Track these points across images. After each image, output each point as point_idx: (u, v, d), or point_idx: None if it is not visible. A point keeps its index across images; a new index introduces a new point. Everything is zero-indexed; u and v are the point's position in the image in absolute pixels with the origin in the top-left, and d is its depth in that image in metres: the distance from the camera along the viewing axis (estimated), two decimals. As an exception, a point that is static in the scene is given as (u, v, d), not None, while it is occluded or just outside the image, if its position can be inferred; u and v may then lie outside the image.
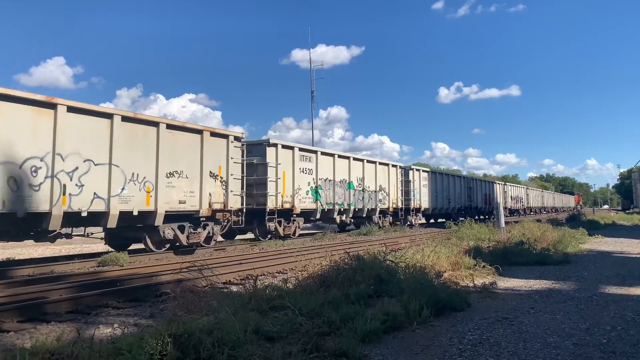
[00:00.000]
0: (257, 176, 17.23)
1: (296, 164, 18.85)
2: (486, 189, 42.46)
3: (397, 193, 26.88)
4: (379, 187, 24.87)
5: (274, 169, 17.64)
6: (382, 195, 25.32)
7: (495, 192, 43.92)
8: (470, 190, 38.19)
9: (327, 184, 20.72)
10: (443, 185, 33.02)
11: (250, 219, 16.81)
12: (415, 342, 4.86)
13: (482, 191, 41.08)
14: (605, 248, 14.85)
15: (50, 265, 11.10)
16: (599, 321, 5.70)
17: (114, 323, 5.99)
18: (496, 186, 45.35)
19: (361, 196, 23.25)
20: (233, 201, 14.93)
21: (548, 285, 8.18)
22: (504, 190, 48.18)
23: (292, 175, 18.61)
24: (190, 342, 3.83)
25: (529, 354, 4.47)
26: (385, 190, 25.66)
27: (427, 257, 8.61)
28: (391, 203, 26.12)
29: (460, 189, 36.01)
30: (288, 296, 5.66)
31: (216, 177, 14.42)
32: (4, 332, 5.65)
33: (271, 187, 17.38)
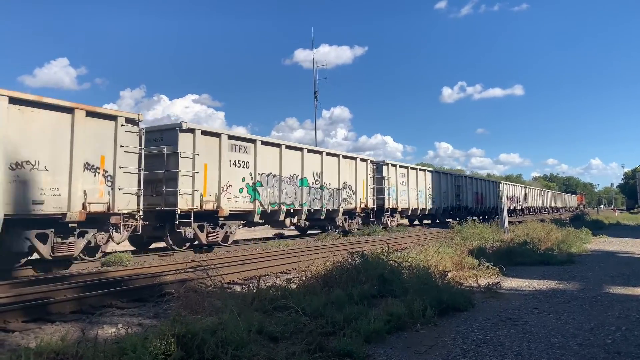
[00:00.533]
0: (167, 170, 13.72)
1: (224, 155, 15.18)
2: (478, 188, 39.27)
3: (366, 191, 23.33)
4: (343, 184, 21.40)
5: (189, 161, 13.96)
6: (347, 193, 21.86)
7: (487, 190, 41.10)
8: (459, 188, 34.96)
9: (271, 180, 17.24)
10: (426, 183, 29.85)
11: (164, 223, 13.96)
12: (419, 342, 4.85)
13: (472, 190, 37.83)
14: (609, 248, 14.79)
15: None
16: (603, 321, 5.68)
17: (118, 323, 6.01)
18: (489, 184, 42.74)
19: (319, 195, 19.72)
20: (123, 202, 11.64)
21: (552, 286, 8.16)
22: (499, 189, 45.55)
23: (217, 169, 14.93)
24: (194, 342, 3.84)
25: (533, 354, 4.46)
26: (352, 187, 22.17)
27: (430, 257, 8.60)
28: (359, 203, 22.56)
29: (447, 188, 32.94)
30: (291, 296, 5.66)
31: (96, 170, 11.19)
32: (9, 332, 5.68)
33: (185, 183, 13.78)
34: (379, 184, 24.64)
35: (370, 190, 23.66)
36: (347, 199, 21.81)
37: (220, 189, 14.99)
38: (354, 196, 22.30)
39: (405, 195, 27.33)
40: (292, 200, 18.26)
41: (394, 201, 25.91)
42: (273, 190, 17.32)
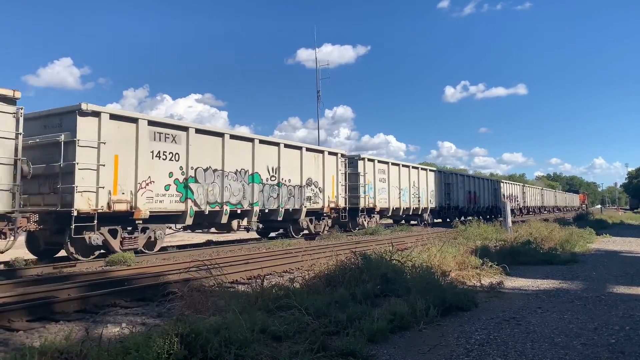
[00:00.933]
0: (64, 162, 11.28)
1: (144, 144, 12.72)
2: (471, 186, 36.37)
3: (336, 189, 20.68)
4: (307, 180, 18.91)
5: (92, 151, 11.53)
6: (313, 191, 19.33)
7: (482, 189, 38.48)
8: (449, 187, 32.25)
9: (210, 175, 14.67)
10: (410, 180, 27.27)
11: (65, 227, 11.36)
12: (423, 342, 4.85)
13: (464, 189, 34.93)
14: (613, 247, 14.75)
15: (58, 265, 11.16)
16: (607, 321, 5.66)
17: (121, 322, 6.03)
18: (483, 182, 39.96)
19: (275, 193, 17.32)
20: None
21: (555, 285, 8.14)
22: (494, 188, 42.38)
23: (134, 162, 12.47)
24: (197, 342, 3.84)
25: (537, 354, 4.45)
26: (318, 184, 19.66)
27: (433, 256, 8.59)
28: (327, 202, 20.02)
29: (435, 186, 30.49)
30: (295, 296, 5.66)
31: None
32: (14, 331, 5.71)
33: (86, 178, 11.36)
34: (352, 180, 22.20)
35: (341, 188, 21.11)
36: (313, 198, 19.32)
37: (137, 185, 12.50)
38: (320, 194, 19.74)
39: (385, 193, 24.86)
40: (240, 199, 15.78)
41: (371, 200, 23.36)
42: (213, 187, 14.77)
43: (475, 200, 36.79)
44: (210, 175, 14.80)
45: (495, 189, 41.77)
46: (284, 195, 17.73)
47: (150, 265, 11.00)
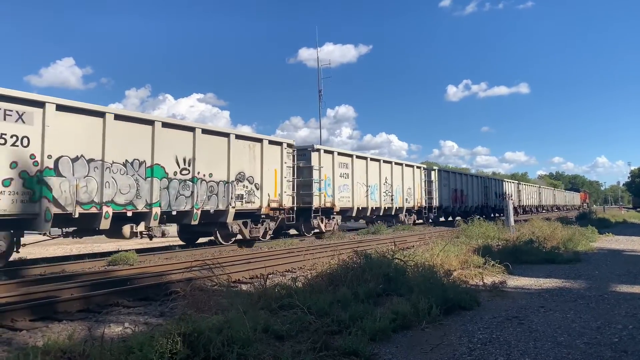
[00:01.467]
0: None
1: None
2: (457, 183, 32.83)
3: (281, 186, 17.19)
4: (237, 175, 15.41)
5: None
6: (246, 188, 15.80)
7: (470, 187, 35.23)
8: (430, 184, 29.03)
9: (82, 166, 11.29)
10: (382, 177, 24.13)
11: None
12: (425, 341, 4.85)
13: (449, 186, 31.56)
14: (616, 246, 14.72)
15: (61, 265, 11.20)
16: (610, 320, 5.65)
17: (124, 322, 6.04)
18: (472, 180, 36.55)
19: (188, 190, 13.76)
20: None
21: (558, 284, 8.13)
22: (485, 186, 38.80)
23: None
24: (200, 341, 3.85)
25: (540, 353, 4.45)
26: (254, 180, 16.12)
27: (436, 255, 8.58)
28: (267, 201, 16.56)
29: (413, 183, 27.15)
30: (297, 295, 5.67)
31: None
32: (17, 330, 5.72)
33: None
34: (305, 175, 18.85)
35: (287, 184, 17.44)
36: (246, 196, 15.76)
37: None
38: (257, 192, 16.18)
39: (348, 191, 21.45)
40: (131, 198, 12.32)
41: (328, 199, 20.04)
42: (87, 182, 11.39)
43: (463, 199, 33.67)
44: (82, 166, 11.32)
45: (485, 187, 38.57)
46: (200, 193, 14.09)
47: (153, 265, 11.02)
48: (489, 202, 38.63)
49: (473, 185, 36.17)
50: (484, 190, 38.45)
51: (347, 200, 21.60)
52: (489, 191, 39.26)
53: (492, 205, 38.97)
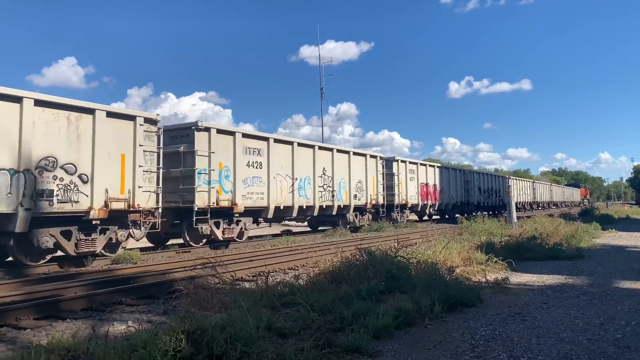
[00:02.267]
0: None
1: None
2: (427, 177, 28.10)
3: (134, 176, 12.06)
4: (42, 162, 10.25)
5: None
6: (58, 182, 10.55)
7: (446, 181, 30.63)
8: (391, 178, 24.61)
9: None
10: (316, 167, 19.05)
11: None
12: (428, 338, 4.86)
13: (417, 180, 26.84)
14: (619, 242, 14.70)
15: (64, 264, 11.22)
16: (613, 316, 5.65)
17: (128, 320, 6.06)
18: (447, 173, 31.55)
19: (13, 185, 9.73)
20: None
21: (561, 280, 8.12)
22: (465, 180, 33.61)
23: None
24: (203, 339, 3.86)
25: (542, 349, 4.45)
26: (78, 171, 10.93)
27: (438, 252, 8.59)
28: (104, 201, 11.36)
29: (366, 176, 22.18)
30: (300, 292, 5.68)
31: None
32: (21, 329, 5.75)
33: None
34: (185, 164, 13.96)
35: (142, 176, 12.23)
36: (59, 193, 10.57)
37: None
38: (86, 187, 11.06)
39: (261, 185, 16.26)
40: None
41: (226, 196, 14.92)
42: None
43: (436, 196, 29.07)
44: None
45: (466, 181, 33.51)
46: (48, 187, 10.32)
47: (156, 264, 11.04)
48: (471, 198, 34.20)
49: (450, 180, 31.33)
50: (465, 185, 33.50)
51: (260, 198, 16.40)
52: (470, 186, 34.34)
53: (475, 202, 34.67)
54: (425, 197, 27.93)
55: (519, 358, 4.22)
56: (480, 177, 37.80)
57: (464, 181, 33.48)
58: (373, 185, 22.93)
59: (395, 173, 24.87)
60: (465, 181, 33.66)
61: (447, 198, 30.81)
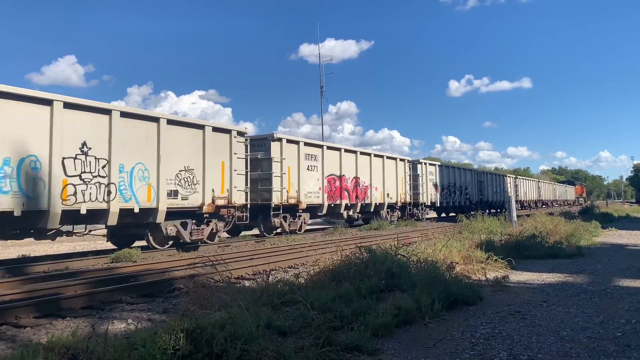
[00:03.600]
0: None
1: None
2: (343, 168, 21.18)
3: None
4: None
5: None
6: None
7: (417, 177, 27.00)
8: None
9: None
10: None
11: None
12: (428, 336, 4.85)
13: (321, 171, 19.62)
14: (619, 241, 14.70)
15: (65, 262, 11.24)
16: (613, 314, 5.65)
17: (127, 318, 6.06)
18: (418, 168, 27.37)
19: None
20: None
21: (561, 279, 8.12)
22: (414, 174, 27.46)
23: None
24: (203, 337, 3.86)
25: (542, 347, 4.45)
26: None
27: (438, 251, 8.58)
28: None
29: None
30: (300, 291, 5.67)
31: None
32: (21, 327, 5.75)
33: None
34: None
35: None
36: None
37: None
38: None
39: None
40: None
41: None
42: None
43: (366, 193, 22.98)
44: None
45: (416, 175, 27.35)
46: None
47: (156, 262, 11.05)
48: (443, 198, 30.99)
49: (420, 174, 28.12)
50: (414, 179, 28.01)
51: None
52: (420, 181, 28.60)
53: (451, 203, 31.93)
54: (333, 196, 21.53)
55: (518, 356, 4.22)
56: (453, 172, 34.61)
57: (413, 175, 29.09)
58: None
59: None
60: (415, 175, 29.15)
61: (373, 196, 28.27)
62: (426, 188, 27.92)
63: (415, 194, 26.98)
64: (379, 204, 23.80)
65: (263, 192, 17.00)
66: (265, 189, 17.03)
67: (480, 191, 36.23)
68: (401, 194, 25.81)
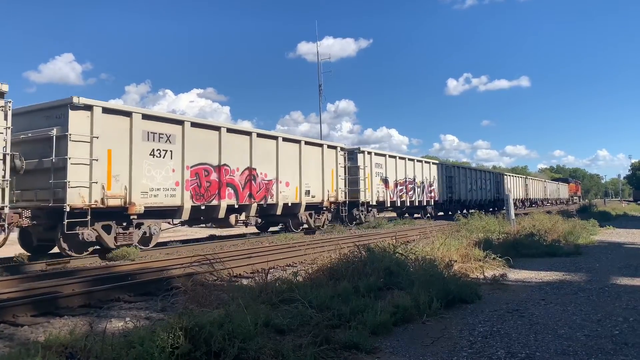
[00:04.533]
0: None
1: None
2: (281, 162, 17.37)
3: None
4: None
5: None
6: None
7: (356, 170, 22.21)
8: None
9: None
10: None
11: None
12: (426, 334, 4.86)
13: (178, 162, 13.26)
14: (616, 239, 14.73)
15: (62, 261, 11.21)
16: (610, 312, 5.66)
17: (125, 317, 6.05)
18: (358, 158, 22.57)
19: None
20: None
21: (559, 277, 8.13)
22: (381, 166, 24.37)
23: None
24: (201, 335, 3.85)
25: (540, 345, 4.45)
26: None
27: (436, 249, 8.59)
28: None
29: None
30: (298, 289, 5.67)
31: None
32: (19, 326, 5.73)
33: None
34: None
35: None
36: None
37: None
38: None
39: None
40: None
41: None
42: None
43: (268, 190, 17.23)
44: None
45: (355, 168, 22.49)
46: None
47: (154, 260, 11.04)
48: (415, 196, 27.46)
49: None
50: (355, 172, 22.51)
51: None
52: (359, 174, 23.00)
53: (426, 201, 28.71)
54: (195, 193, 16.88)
55: (516, 354, 4.23)
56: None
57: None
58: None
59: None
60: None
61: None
62: (369, 183, 23.16)
63: (354, 190, 22.06)
64: (293, 205, 18.12)
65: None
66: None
67: (450, 188, 32.33)
68: (330, 191, 20.06)
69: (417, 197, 27.72)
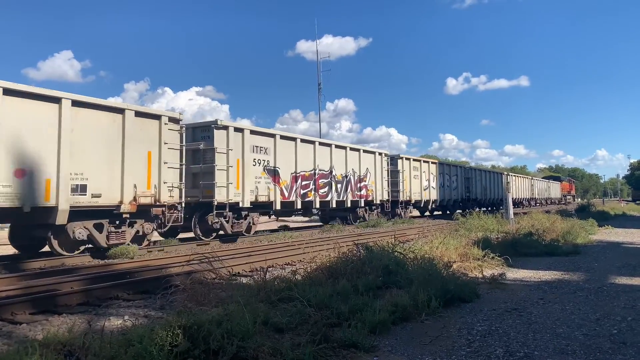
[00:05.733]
0: None
1: None
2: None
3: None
4: None
5: None
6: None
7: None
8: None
9: None
10: None
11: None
12: (424, 333, 4.86)
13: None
14: (615, 239, 14.75)
15: (61, 258, 11.21)
16: (609, 312, 5.67)
17: (124, 315, 6.04)
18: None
19: None
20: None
21: (557, 276, 8.15)
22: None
23: None
24: (200, 334, 3.85)
25: (539, 344, 4.46)
26: None
27: (435, 248, 8.59)
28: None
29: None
30: (297, 287, 5.67)
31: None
32: (17, 324, 5.72)
33: None
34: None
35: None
36: None
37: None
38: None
39: None
40: None
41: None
42: None
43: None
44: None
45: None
46: None
47: (153, 258, 11.04)
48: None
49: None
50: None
51: None
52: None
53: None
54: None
55: (515, 353, 4.23)
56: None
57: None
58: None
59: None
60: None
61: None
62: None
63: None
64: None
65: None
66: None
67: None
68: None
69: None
